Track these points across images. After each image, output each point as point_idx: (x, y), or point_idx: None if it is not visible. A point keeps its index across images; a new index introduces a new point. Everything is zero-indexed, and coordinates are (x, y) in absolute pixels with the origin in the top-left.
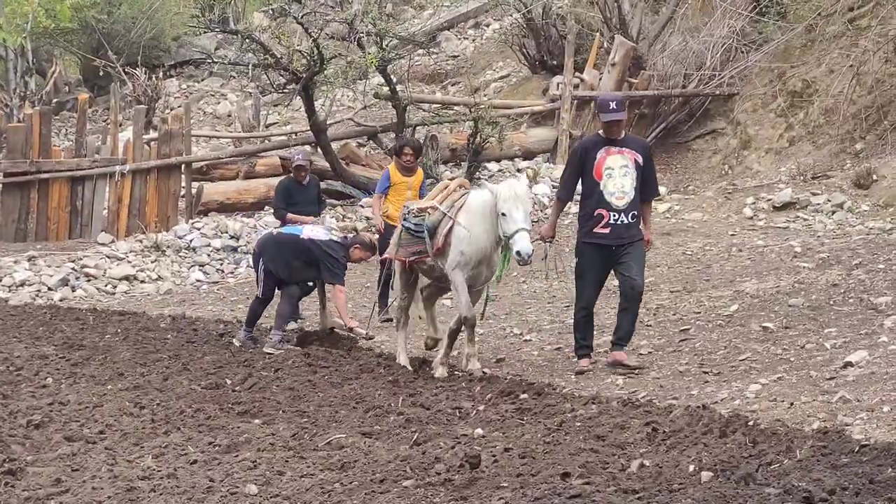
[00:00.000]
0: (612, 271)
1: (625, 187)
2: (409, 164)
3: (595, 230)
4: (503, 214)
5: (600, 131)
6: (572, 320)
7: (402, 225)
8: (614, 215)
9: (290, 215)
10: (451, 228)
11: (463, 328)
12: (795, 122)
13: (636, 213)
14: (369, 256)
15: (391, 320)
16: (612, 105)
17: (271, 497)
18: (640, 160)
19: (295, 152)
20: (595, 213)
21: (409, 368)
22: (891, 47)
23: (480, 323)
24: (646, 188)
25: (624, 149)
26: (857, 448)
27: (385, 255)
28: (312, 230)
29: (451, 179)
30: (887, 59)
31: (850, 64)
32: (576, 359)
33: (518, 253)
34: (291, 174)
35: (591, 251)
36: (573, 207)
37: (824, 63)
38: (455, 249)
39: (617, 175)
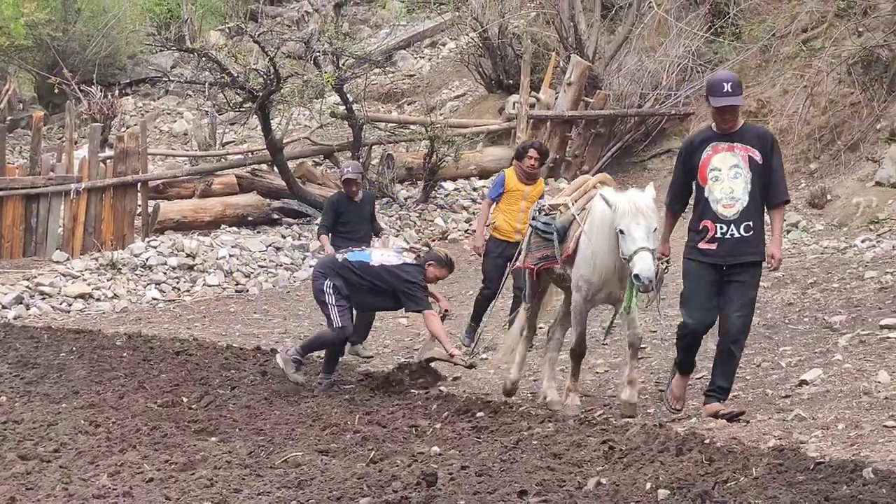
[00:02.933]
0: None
1: (735, 192)
2: (532, 171)
3: (699, 246)
4: (621, 232)
5: (712, 124)
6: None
7: (531, 225)
8: (721, 227)
9: (322, 237)
10: (581, 233)
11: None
12: None
13: (752, 223)
14: (446, 274)
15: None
16: (727, 87)
17: None
18: (758, 157)
19: (346, 164)
20: (701, 226)
21: (512, 379)
22: (844, 68)
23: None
24: (768, 191)
25: (736, 144)
26: (812, 466)
27: (516, 265)
28: (383, 255)
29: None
30: (840, 80)
31: (804, 84)
32: (678, 392)
33: (637, 276)
34: (342, 188)
35: (698, 270)
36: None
37: (779, 83)
38: (576, 266)
39: (725, 177)
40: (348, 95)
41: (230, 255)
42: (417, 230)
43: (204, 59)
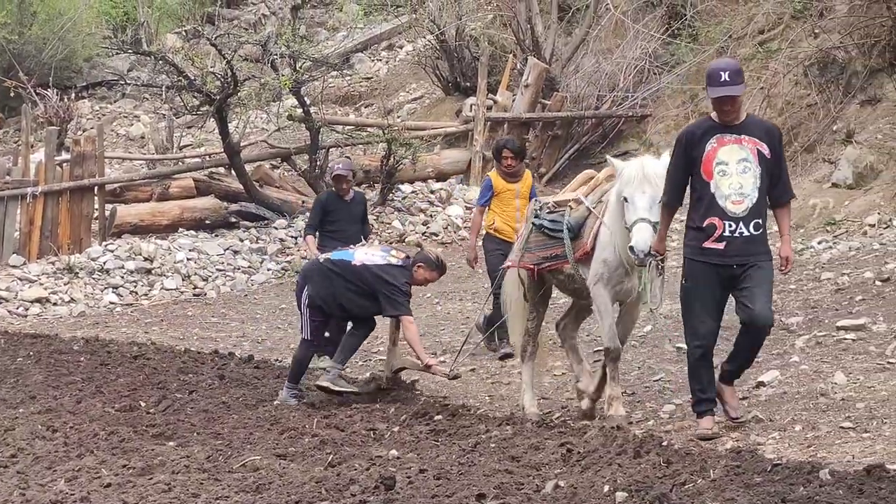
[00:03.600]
0: (733, 299)
1: (744, 188)
2: (512, 169)
3: (706, 245)
4: (625, 199)
5: (711, 113)
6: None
7: (532, 223)
8: (730, 225)
9: (308, 238)
10: (600, 228)
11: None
12: None
13: (761, 221)
14: (437, 277)
15: (510, 355)
16: (724, 76)
17: None
18: (766, 151)
19: (336, 161)
20: (706, 224)
21: (537, 413)
22: (800, 70)
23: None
24: (776, 188)
25: (743, 136)
26: (769, 467)
27: (506, 264)
28: (367, 254)
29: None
30: (797, 82)
31: (761, 86)
32: (694, 417)
33: (631, 249)
34: (332, 187)
35: (703, 271)
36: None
37: None
38: (598, 257)
39: (733, 172)
40: (305, 98)
41: (188, 259)
42: (375, 233)
43: (160, 62)
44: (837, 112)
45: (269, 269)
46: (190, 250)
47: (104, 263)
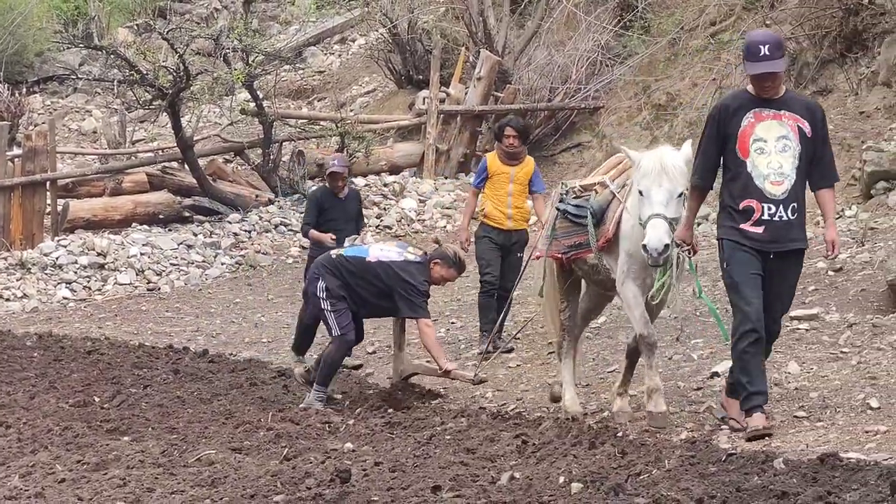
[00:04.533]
0: None
1: (783, 167)
2: (513, 150)
3: (743, 227)
4: (640, 193)
5: (748, 86)
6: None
7: (557, 209)
8: (769, 208)
9: (312, 232)
10: (622, 215)
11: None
12: (660, 134)
13: (797, 205)
14: (455, 275)
15: (511, 350)
16: (764, 49)
17: None
18: (807, 129)
19: (331, 157)
20: (742, 206)
21: (580, 411)
22: None
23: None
24: (818, 169)
25: (783, 112)
26: (724, 457)
27: (535, 254)
28: (382, 249)
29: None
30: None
31: (713, 77)
32: (743, 415)
33: (644, 248)
34: (326, 182)
35: (744, 251)
36: None
37: (688, 76)
38: (621, 249)
39: (772, 150)
40: (258, 92)
41: (141, 254)
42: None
43: (112, 56)
44: None
45: (223, 264)
46: (143, 245)
47: (57, 259)
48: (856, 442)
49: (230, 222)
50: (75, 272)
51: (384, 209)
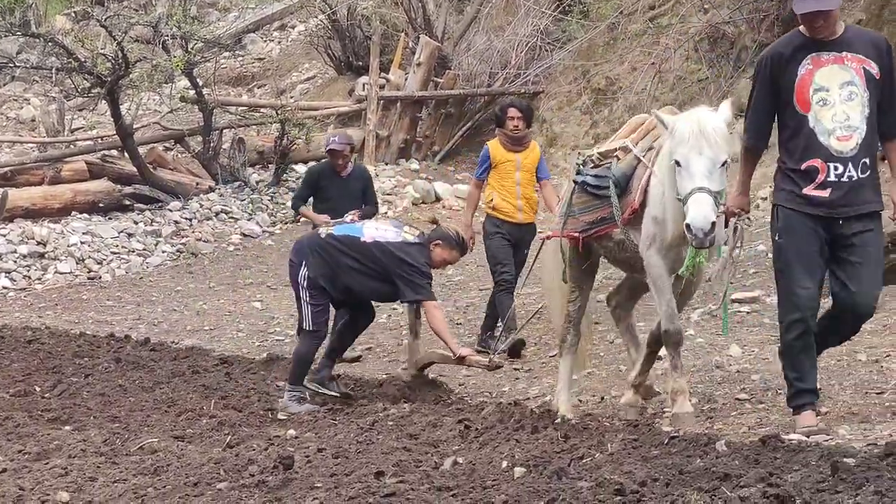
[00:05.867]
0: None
1: (851, 119)
2: (517, 133)
3: (806, 192)
4: (678, 164)
5: (801, 27)
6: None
7: (575, 181)
8: (836, 167)
9: (302, 209)
10: (650, 180)
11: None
12: (600, 119)
13: (869, 161)
14: (457, 257)
15: (522, 345)
16: None
17: (84, 503)
18: (874, 69)
19: (332, 134)
20: (804, 166)
21: (570, 417)
22: (691, 45)
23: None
24: (889, 116)
25: (844, 53)
26: (666, 440)
27: (546, 234)
28: (377, 229)
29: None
30: (688, 57)
31: (652, 62)
32: (790, 412)
33: (687, 227)
34: (326, 159)
35: (803, 222)
36: None
37: (627, 61)
38: (648, 214)
39: (836, 99)
40: (198, 80)
41: (82, 242)
42: (270, 214)
43: (50, 44)
44: (728, 86)
45: (164, 252)
46: (84, 234)
47: None
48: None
49: (171, 210)
50: (15, 261)
51: None
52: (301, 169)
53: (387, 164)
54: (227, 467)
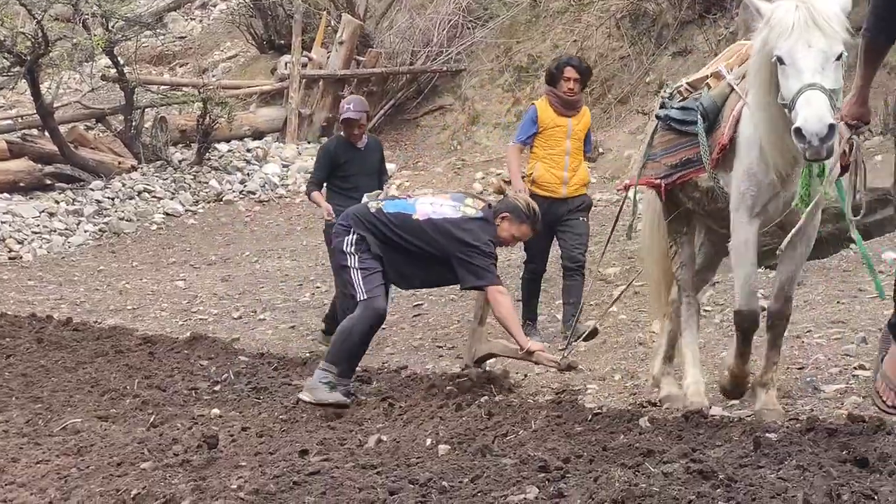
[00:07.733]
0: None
1: None
2: (572, 97)
3: None
4: (780, 61)
5: None
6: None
7: (657, 116)
8: None
9: (314, 195)
10: (743, 108)
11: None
12: (522, 96)
13: None
14: (528, 232)
15: (595, 333)
16: None
17: (6, 484)
18: None
19: (345, 101)
20: None
21: (705, 403)
22: (612, 22)
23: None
24: None
25: None
26: (590, 416)
27: (624, 182)
28: (433, 204)
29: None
30: (610, 34)
31: (574, 39)
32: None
33: (797, 132)
34: (342, 132)
35: None
36: None
37: (549, 38)
38: (739, 166)
39: None
40: (119, 58)
41: (2, 222)
42: (192, 193)
43: None
44: (650, 64)
45: (86, 231)
46: (4, 213)
47: None
48: (720, 399)
49: (93, 189)
50: None
51: (248, 175)
52: (224, 148)
53: (309, 142)
54: (151, 447)
